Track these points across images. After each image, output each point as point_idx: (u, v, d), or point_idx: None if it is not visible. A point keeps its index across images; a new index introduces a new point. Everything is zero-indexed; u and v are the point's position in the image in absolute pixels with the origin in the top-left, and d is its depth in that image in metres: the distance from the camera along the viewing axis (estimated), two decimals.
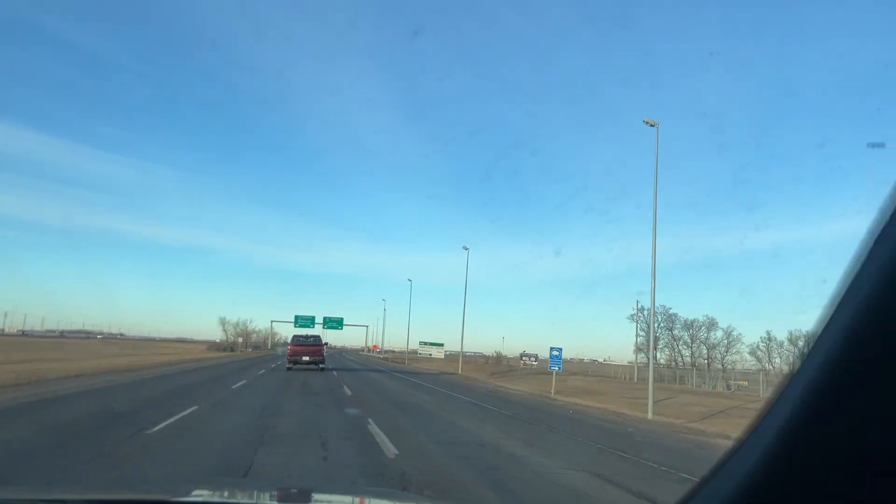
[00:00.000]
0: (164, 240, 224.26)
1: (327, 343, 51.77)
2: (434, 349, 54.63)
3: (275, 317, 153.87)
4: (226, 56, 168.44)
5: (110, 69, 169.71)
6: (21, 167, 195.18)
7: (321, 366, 34.70)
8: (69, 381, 20.42)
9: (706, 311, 75.16)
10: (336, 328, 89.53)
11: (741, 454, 1.10)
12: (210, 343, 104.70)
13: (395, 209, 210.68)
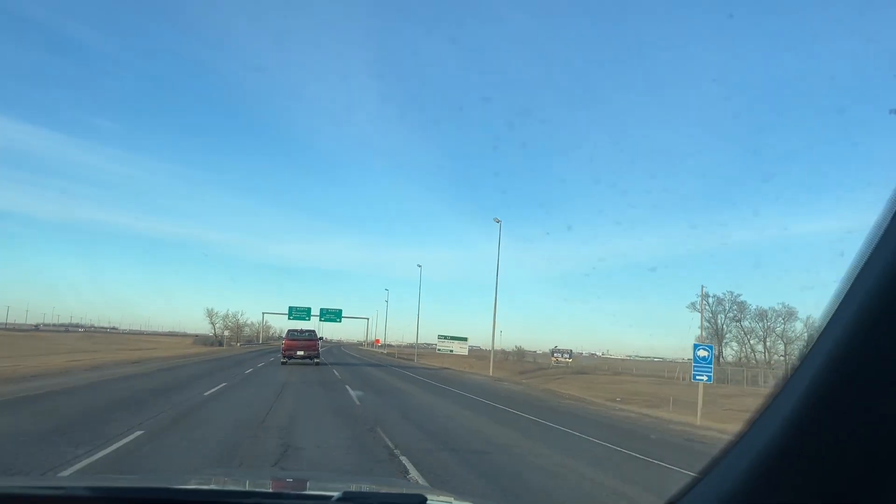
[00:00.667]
0: (155, 232, 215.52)
1: (323, 337, 50.84)
2: (456, 344, 46.09)
3: (267, 309, 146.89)
4: (217, 47, 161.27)
5: (103, 62, 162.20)
6: (16, 160, 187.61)
7: (316, 360, 34.94)
8: None
9: (781, 298, 62.45)
10: (334, 321, 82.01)
11: (740, 449, 1.08)
12: (198, 337, 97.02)
13: (395, 203, 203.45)
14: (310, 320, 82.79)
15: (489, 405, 19.27)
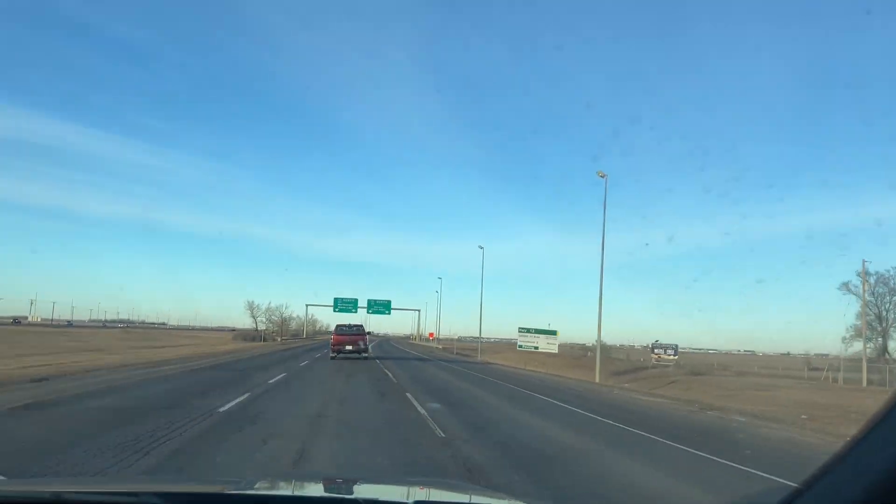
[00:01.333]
0: (200, 229, 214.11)
1: (370, 332, 50.73)
2: (543, 339, 36.49)
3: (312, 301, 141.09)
4: (261, 44, 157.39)
5: (148, 59, 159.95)
6: (66, 159, 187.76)
7: (364, 354, 35.27)
8: None
9: None
10: (382, 312, 74.56)
11: (854, 459, 0.99)
12: (236, 331, 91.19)
13: (444, 199, 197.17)
14: (356, 312, 75.63)
15: (625, 431, 11.35)
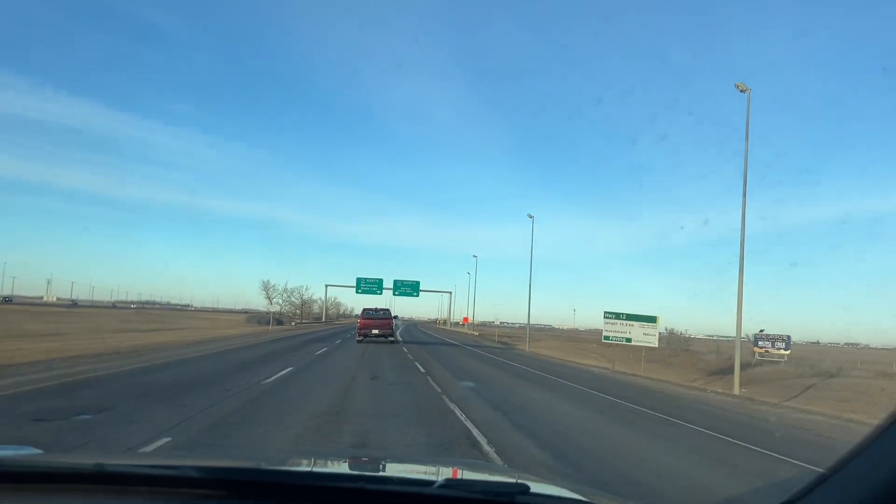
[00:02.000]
0: (224, 211, 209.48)
1: (397, 316, 49.36)
2: (637, 328, 26.34)
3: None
4: (292, 33, 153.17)
5: (185, 48, 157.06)
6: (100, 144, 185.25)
7: (390, 339, 35.23)
8: None
9: None
10: (410, 294, 66.59)
11: (881, 445, 0.95)
12: (249, 314, 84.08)
13: (475, 185, 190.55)
14: (381, 294, 67.68)
15: None
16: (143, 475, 1.85)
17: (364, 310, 36.80)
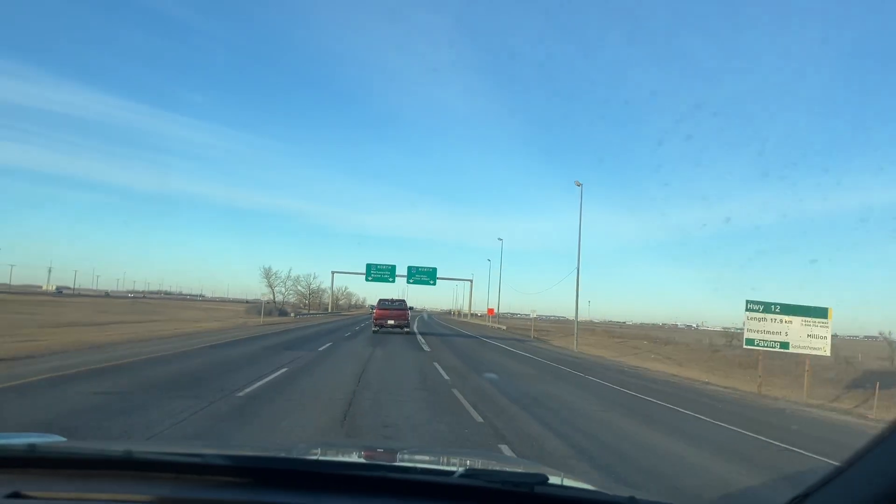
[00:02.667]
0: (237, 202, 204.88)
1: (413, 307, 49.40)
2: (800, 328, 16.83)
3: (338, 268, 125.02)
4: (304, 24, 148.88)
5: (197, 38, 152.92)
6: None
7: (406, 329, 35.74)
8: None
9: None
10: (426, 283, 59.72)
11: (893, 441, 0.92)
12: (250, 304, 77.81)
13: (493, 176, 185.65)
14: (393, 282, 60.83)
15: None
16: (171, 462, 1.86)
17: (380, 300, 37.36)
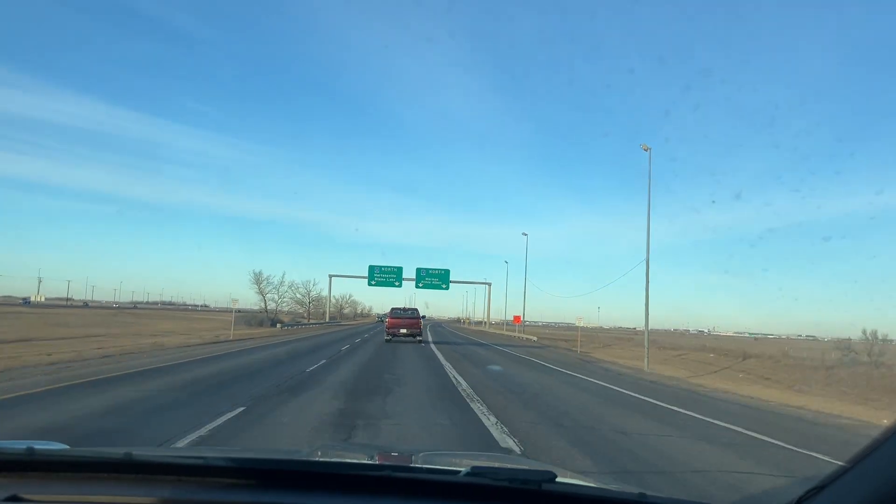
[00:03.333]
0: (238, 210, 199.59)
1: (425, 316, 46.53)
2: None
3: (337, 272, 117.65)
4: (307, 29, 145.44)
5: (199, 47, 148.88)
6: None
7: (418, 338, 35.43)
8: None
9: None
10: (438, 287, 52.89)
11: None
12: (239, 312, 71.30)
13: (498, 183, 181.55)
14: (400, 286, 54.01)
15: None
16: (172, 464, 1.87)
17: (392, 309, 37.27)
